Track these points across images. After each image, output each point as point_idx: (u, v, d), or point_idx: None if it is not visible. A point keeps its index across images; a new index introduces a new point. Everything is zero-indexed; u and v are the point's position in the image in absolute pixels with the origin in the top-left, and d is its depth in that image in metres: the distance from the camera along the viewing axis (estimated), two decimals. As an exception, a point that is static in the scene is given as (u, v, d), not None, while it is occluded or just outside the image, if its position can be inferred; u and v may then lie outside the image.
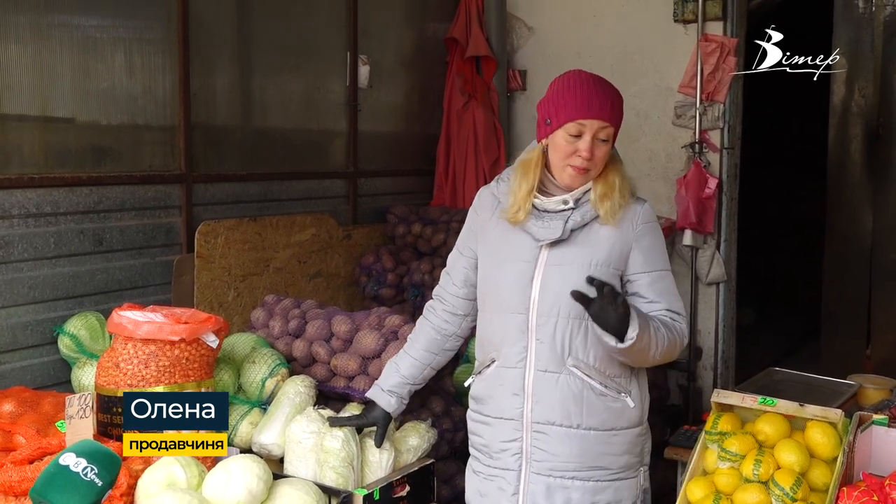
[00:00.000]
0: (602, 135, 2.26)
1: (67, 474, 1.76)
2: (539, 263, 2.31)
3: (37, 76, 3.25)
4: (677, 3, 4.73)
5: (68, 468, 1.77)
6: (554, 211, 2.32)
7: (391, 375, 2.63)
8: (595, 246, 2.30)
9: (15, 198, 3.19)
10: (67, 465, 1.78)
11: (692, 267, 4.78)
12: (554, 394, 2.31)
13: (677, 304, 2.36)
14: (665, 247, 2.43)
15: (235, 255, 3.96)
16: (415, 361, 2.61)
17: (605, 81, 2.32)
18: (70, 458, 1.78)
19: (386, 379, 2.63)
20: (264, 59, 4.23)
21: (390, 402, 2.61)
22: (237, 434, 2.87)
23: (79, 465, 1.78)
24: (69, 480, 1.76)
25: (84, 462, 1.79)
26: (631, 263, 2.33)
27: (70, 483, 1.76)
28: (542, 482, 2.34)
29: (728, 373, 4.93)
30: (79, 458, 1.78)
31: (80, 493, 1.78)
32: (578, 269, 2.27)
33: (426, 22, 5.28)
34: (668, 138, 4.87)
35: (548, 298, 2.29)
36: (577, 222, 2.30)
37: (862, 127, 5.32)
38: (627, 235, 2.32)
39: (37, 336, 3.28)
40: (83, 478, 1.78)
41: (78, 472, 1.78)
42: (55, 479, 1.75)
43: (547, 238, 2.30)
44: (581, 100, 2.25)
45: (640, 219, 2.35)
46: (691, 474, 2.48)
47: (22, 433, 2.58)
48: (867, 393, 3.33)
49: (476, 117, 5.16)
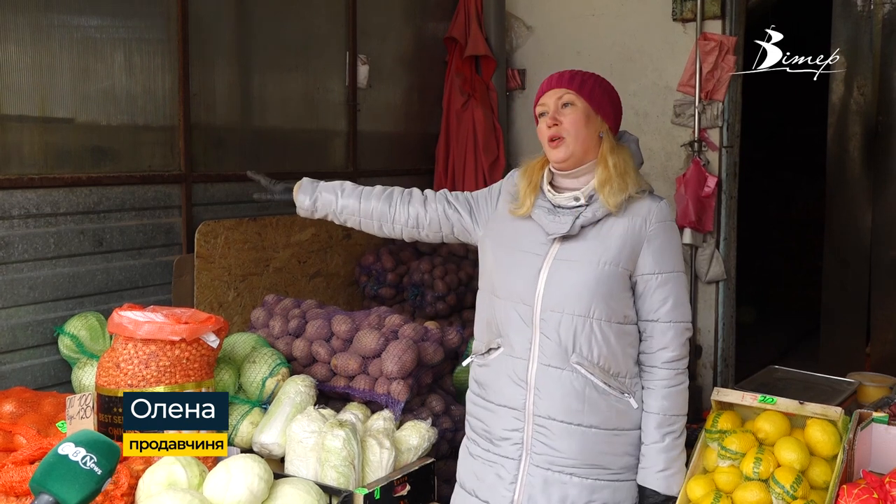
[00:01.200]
0: (563, 100, 2.31)
1: (67, 463, 1.76)
2: (548, 257, 2.31)
3: (36, 76, 3.25)
4: (676, 2, 4.74)
5: (67, 457, 1.76)
6: (566, 207, 2.33)
7: (329, 185, 2.64)
8: (605, 244, 2.29)
9: (15, 198, 3.19)
10: (66, 454, 1.77)
11: (692, 265, 4.79)
12: (556, 389, 2.30)
13: (679, 311, 2.32)
14: (680, 248, 2.38)
15: (235, 255, 3.96)
16: (355, 191, 2.62)
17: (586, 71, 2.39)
18: (69, 447, 1.77)
19: (324, 184, 2.65)
20: (264, 59, 4.23)
21: (304, 201, 2.63)
22: (238, 434, 2.87)
23: (77, 454, 1.77)
24: (68, 469, 1.75)
25: (83, 451, 1.78)
26: (641, 263, 2.30)
27: (69, 472, 1.75)
28: (540, 475, 2.34)
29: (728, 371, 4.94)
30: (77, 448, 1.78)
31: (80, 481, 1.77)
32: (587, 267, 2.27)
33: (425, 21, 5.28)
34: (667, 137, 4.88)
35: (553, 293, 2.28)
36: (587, 219, 2.29)
37: (861, 125, 5.33)
38: (640, 234, 2.29)
39: (37, 336, 3.28)
40: (82, 466, 1.77)
41: (77, 461, 1.77)
42: (54, 468, 1.75)
43: (556, 232, 2.30)
44: (542, 85, 2.37)
45: (655, 217, 2.31)
46: (691, 473, 2.48)
47: (23, 433, 2.58)
48: (867, 391, 3.34)
49: (475, 116, 5.17)
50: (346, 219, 2.64)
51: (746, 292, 5.81)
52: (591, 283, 2.24)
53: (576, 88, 2.31)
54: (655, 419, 2.31)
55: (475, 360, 2.49)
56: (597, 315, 2.26)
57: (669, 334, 2.31)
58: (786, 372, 3.61)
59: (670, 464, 2.33)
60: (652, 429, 2.32)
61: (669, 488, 2.33)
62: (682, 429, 2.36)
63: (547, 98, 2.34)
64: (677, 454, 2.34)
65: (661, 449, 2.32)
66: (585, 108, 2.31)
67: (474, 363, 2.50)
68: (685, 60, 4.74)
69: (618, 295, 2.28)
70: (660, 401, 2.31)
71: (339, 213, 2.63)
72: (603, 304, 2.26)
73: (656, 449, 2.32)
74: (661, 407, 2.31)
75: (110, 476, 1.83)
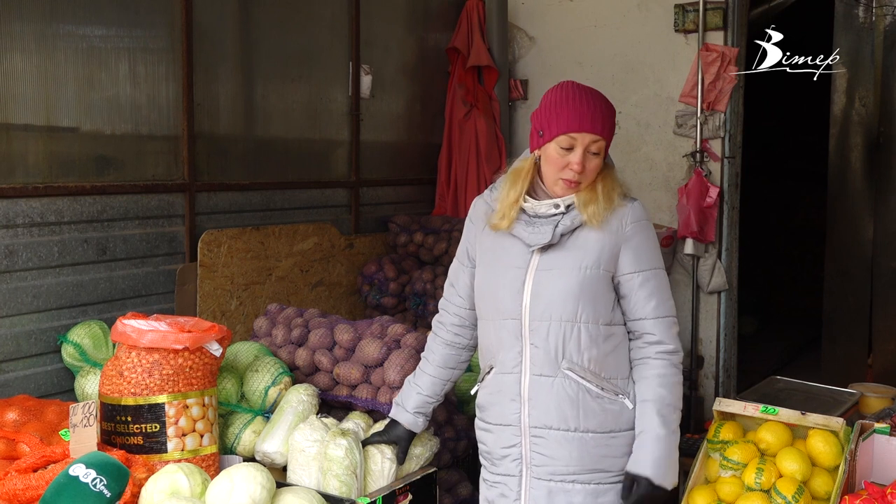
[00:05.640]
0: (593, 148, 2.29)
1: (77, 485, 1.77)
2: (530, 269, 2.33)
3: (41, 86, 3.27)
4: (678, 14, 4.76)
5: (78, 479, 1.78)
6: (545, 216, 2.34)
7: (413, 395, 2.64)
8: (584, 249, 2.31)
9: (19, 207, 3.20)
10: (77, 475, 1.79)
11: (693, 276, 4.79)
12: (550, 398, 2.31)
13: (666, 307, 2.34)
14: (657, 245, 2.41)
15: (238, 263, 3.97)
16: (434, 379, 2.62)
17: (598, 94, 2.34)
18: (80, 469, 1.79)
19: (407, 399, 2.65)
20: (267, 69, 4.25)
21: (416, 421, 2.64)
22: (240, 442, 2.88)
23: (88, 475, 1.79)
24: (78, 491, 1.77)
25: (93, 473, 1.80)
26: (621, 264, 2.33)
27: (79, 494, 1.77)
28: (543, 487, 2.35)
29: (729, 381, 4.94)
30: (88, 469, 1.79)
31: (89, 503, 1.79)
32: (569, 273, 2.29)
33: (428, 32, 5.30)
34: (669, 147, 4.89)
35: (540, 303, 2.31)
36: (566, 227, 2.31)
37: (862, 136, 5.34)
38: (617, 236, 2.32)
39: (40, 345, 3.29)
40: (92, 489, 1.79)
41: (87, 483, 1.79)
42: (65, 489, 1.77)
43: (537, 243, 2.31)
44: (573, 113, 2.27)
45: (629, 218, 2.34)
46: (693, 483, 2.48)
47: (26, 441, 2.58)
48: (869, 401, 3.34)
49: (478, 127, 5.18)
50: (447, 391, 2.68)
51: (747, 302, 5.80)
52: (576, 289, 2.27)
53: (607, 136, 2.31)
54: (654, 406, 2.28)
55: (478, 386, 2.52)
56: (584, 318, 2.28)
57: (660, 328, 2.32)
58: (787, 382, 3.61)
59: (669, 452, 2.28)
60: (650, 415, 2.28)
61: (664, 478, 2.26)
62: (677, 422, 2.32)
63: (580, 137, 2.28)
64: (674, 446, 2.30)
65: (659, 436, 2.27)
66: (604, 153, 2.33)
67: (478, 391, 2.53)
68: (687, 71, 4.75)
69: (602, 297, 2.31)
70: (657, 388, 2.30)
71: (441, 399, 2.67)
72: (590, 307, 2.28)
73: (654, 436, 2.27)
74: (660, 395, 2.29)
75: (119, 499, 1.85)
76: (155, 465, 2.48)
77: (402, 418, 2.64)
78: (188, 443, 2.57)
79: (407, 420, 2.64)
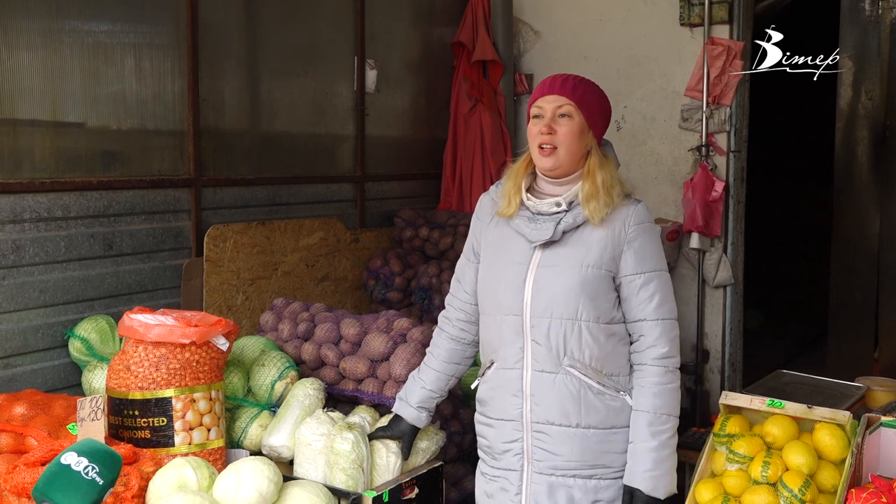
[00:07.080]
0: (562, 110, 2.31)
1: (68, 473, 1.78)
2: (532, 265, 2.33)
3: (48, 81, 3.27)
4: (683, 7, 4.74)
5: (69, 467, 1.78)
6: (547, 213, 2.34)
7: (416, 390, 2.64)
8: (587, 247, 2.31)
9: (26, 202, 3.21)
10: (69, 464, 1.79)
11: (699, 270, 4.78)
12: (552, 394, 2.32)
13: (665, 309, 2.34)
14: (660, 247, 2.41)
15: (244, 258, 3.97)
16: (438, 374, 2.63)
17: (584, 78, 2.38)
18: (71, 457, 1.79)
19: (411, 394, 2.65)
20: (272, 64, 4.25)
21: (420, 416, 2.64)
22: (247, 436, 2.89)
23: (80, 464, 1.79)
24: (70, 479, 1.77)
25: (85, 461, 1.80)
26: (623, 265, 2.33)
27: (71, 482, 1.77)
28: (544, 481, 2.36)
29: (735, 375, 4.93)
30: (80, 458, 1.80)
31: (81, 491, 1.80)
32: (570, 271, 2.29)
33: (433, 26, 5.30)
34: (674, 141, 4.88)
35: (541, 300, 2.31)
36: (569, 224, 2.32)
37: (869, 130, 5.32)
38: (619, 237, 2.32)
39: (47, 339, 3.30)
40: (84, 477, 1.79)
41: (79, 472, 1.79)
42: (56, 478, 1.77)
43: (539, 239, 2.32)
44: (542, 85, 2.36)
45: (633, 220, 2.34)
46: (699, 476, 2.48)
47: (34, 435, 2.59)
48: (875, 395, 3.34)
49: (483, 121, 5.17)
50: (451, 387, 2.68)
51: (754, 297, 5.79)
52: (577, 287, 2.27)
53: (577, 101, 2.32)
54: (646, 417, 2.30)
55: (479, 381, 2.52)
56: (584, 317, 2.28)
57: (657, 331, 2.32)
58: (794, 376, 3.60)
59: (659, 464, 2.29)
60: (642, 427, 2.30)
61: (655, 489, 2.29)
62: (673, 430, 2.33)
63: (545, 102, 2.34)
64: (667, 455, 2.31)
65: (650, 448, 2.29)
66: (581, 123, 2.33)
67: (478, 385, 2.53)
68: (692, 65, 4.74)
69: (603, 296, 2.31)
70: (650, 398, 2.31)
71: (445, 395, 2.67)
72: (590, 306, 2.28)
73: (645, 448, 2.29)
74: (653, 405, 2.30)
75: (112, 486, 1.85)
76: (162, 459, 2.49)
77: (406, 413, 2.65)
78: (195, 437, 2.58)
79: (410, 415, 2.64)
